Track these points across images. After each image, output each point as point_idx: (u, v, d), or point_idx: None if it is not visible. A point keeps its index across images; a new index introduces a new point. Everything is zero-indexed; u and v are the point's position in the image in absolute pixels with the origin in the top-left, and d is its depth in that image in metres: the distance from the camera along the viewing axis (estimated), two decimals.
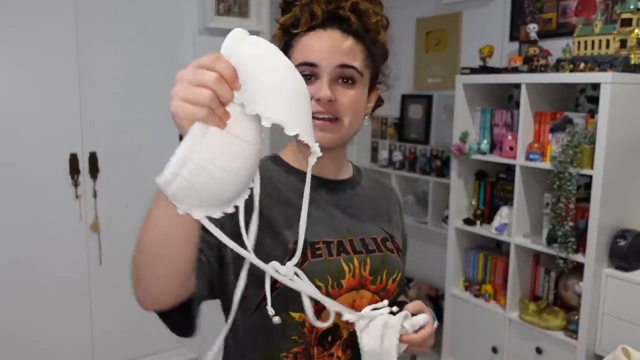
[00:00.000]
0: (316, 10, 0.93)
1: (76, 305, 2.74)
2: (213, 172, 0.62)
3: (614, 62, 2.32)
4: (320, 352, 0.95)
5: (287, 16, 0.96)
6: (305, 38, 0.94)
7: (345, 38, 0.94)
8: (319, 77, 0.92)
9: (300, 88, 0.67)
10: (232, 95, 0.61)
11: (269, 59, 0.65)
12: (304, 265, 0.90)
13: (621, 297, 2.25)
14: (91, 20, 2.63)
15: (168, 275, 0.75)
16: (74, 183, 2.66)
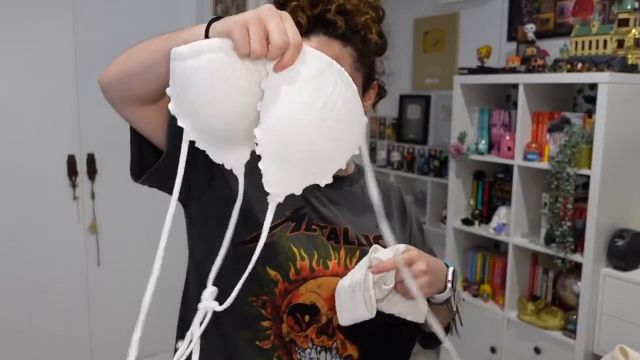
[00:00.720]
0: (301, 18, 0.90)
1: (74, 306, 2.74)
2: (211, 86, 0.62)
3: (612, 62, 2.32)
4: (291, 326, 0.94)
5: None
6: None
7: (331, 43, 0.92)
8: None
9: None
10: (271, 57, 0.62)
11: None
12: (295, 234, 0.93)
13: (619, 297, 2.25)
14: (88, 23, 2.63)
15: (144, 86, 0.85)
16: (72, 184, 2.66)
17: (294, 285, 0.93)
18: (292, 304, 0.94)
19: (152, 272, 0.70)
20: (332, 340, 0.97)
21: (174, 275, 3.02)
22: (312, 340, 0.96)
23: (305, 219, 0.96)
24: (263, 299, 0.93)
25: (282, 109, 0.62)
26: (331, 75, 0.64)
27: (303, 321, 0.95)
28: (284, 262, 0.93)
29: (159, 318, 3.03)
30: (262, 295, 0.93)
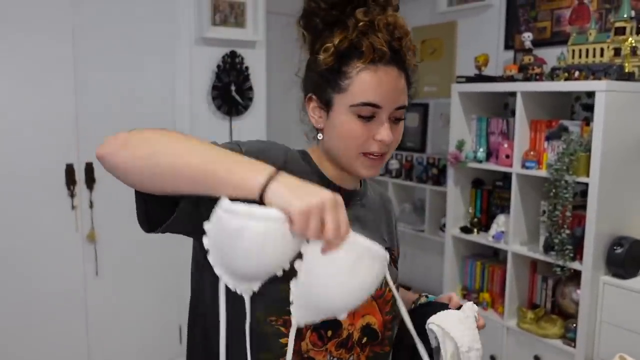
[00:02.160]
0: (381, 46, 0.89)
1: (72, 316, 2.72)
2: (260, 250, 0.67)
3: (609, 70, 2.33)
4: (315, 340, 0.93)
5: (341, 38, 0.90)
6: (365, 72, 0.90)
7: (401, 76, 0.93)
8: (379, 118, 0.91)
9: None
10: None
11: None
12: None
13: (619, 305, 2.24)
14: (88, 31, 2.64)
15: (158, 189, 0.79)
16: (70, 194, 2.65)
17: None
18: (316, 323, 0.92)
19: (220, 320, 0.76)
20: (350, 354, 0.96)
21: (173, 284, 3.01)
22: (331, 352, 0.95)
23: None
24: (284, 318, 0.90)
25: (319, 281, 0.71)
26: (367, 259, 0.71)
27: (326, 336, 0.94)
28: None
29: (158, 329, 3.01)
30: (284, 314, 0.89)
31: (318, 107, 0.95)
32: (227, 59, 2.98)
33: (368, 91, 0.90)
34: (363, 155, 0.93)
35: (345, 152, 0.93)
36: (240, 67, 3.03)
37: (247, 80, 3.06)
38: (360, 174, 0.96)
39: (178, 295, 3.03)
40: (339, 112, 0.92)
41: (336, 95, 0.92)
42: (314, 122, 0.97)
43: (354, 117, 0.91)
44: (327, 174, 0.99)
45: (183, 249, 2.99)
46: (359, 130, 0.91)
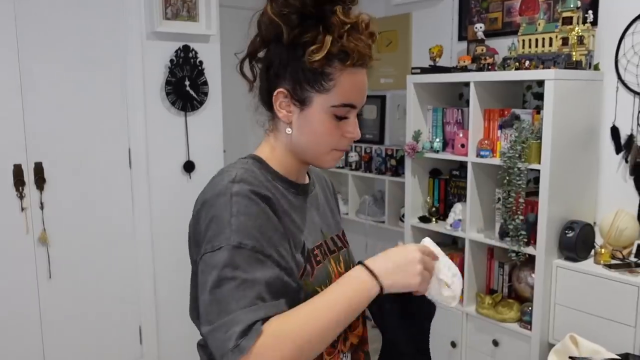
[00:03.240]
0: (364, 50, 0.91)
1: (26, 321, 2.63)
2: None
3: (557, 60, 2.40)
4: (329, 351, 0.97)
5: (330, 40, 0.88)
6: (350, 76, 0.91)
7: (366, 76, 0.96)
8: (350, 115, 0.95)
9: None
10: None
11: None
12: (314, 274, 0.94)
13: (571, 287, 2.31)
14: (32, 26, 2.54)
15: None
16: (19, 195, 2.56)
17: None
18: None
19: None
20: (347, 341, 1.03)
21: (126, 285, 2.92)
22: (342, 351, 1.01)
23: (311, 257, 0.96)
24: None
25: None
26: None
27: (335, 342, 0.99)
28: None
29: None
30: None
31: (290, 102, 0.94)
32: (180, 53, 2.92)
33: (350, 93, 0.93)
34: (333, 150, 0.97)
35: (317, 148, 0.96)
36: (194, 61, 2.97)
37: (202, 75, 3.01)
38: (325, 166, 1.00)
39: (137, 296, 2.97)
40: (316, 110, 0.93)
41: (316, 95, 0.92)
42: (281, 116, 0.95)
43: (331, 117, 0.93)
44: (286, 174, 0.99)
45: (138, 248, 2.94)
46: (333, 128, 0.94)
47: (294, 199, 0.98)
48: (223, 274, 0.80)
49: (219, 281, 0.80)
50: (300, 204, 1.00)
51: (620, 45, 2.40)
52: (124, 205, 2.89)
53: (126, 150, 2.87)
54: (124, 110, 2.85)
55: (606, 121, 2.48)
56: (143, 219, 2.93)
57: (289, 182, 0.99)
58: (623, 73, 2.40)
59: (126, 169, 2.88)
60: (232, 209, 0.84)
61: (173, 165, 3.01)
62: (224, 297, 0.79)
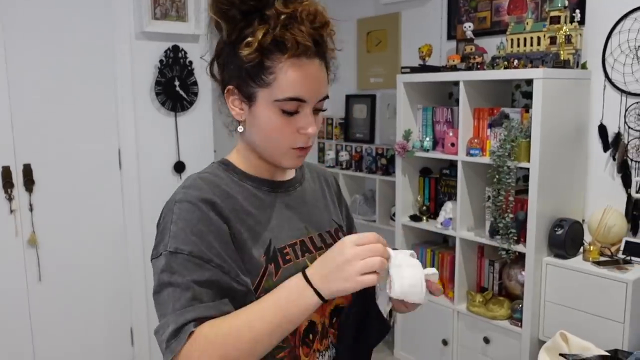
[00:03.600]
0: (305, 40, 0.86)
1: (16, 324, 2.61)
2: None
3: (545, 59, 2.41)
4: (306, 353, 0.96)
5: (264, 31, 0.86)
6: (289, 67, 0.87)
7: (322, 67, 0.92)
8: (303, 111, 0.90)
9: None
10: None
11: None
12: (279, 273, 0.92)
13: (560, 284, 2.34)
14: (19, 26, 2.52)
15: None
16: (8, 197, 2.54)
17: None
18: (301, 335, 0.95)
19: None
20: (328, 338, 1.01)
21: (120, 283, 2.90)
22: (318, 350, 0.99)
23: (278, 255, 0.94)
24: (278, 346, 0.90)
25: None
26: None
27: (311, 341, 0.97)
28: None
29: None
30: (277, 353, 0.92)
31: (239, 99, 0.93)
32: (169, 53, 2.91)
33: (293, 86, 0.88)
34: (290, 149, 0.93)
35: (272, 148, 0.93)
36: (183, 61, 2.96)
37: (191, 75, 3.00)
38: (284, 166, 0.96)
39: (128, 297, 2.95)
40: (262, 106, 0.90)
41: (260, 90, 0.89)
42: (234, 114, 0.94)
43: (278, 112, 0.89)
44: (256, 173, 0.98)
45: (129, 249, 2.92)
46: (284, 125, 0.90)
47: (266, 197, 0.97)
48: (161, 278, 0.84)
49: (158, 286, 0.84)
50: (273, 201, 0.98)
51: (607, 44, 2.43)
52: (114, 206, 2.87)
53: (116, 150, 2.85)
54: (114, 111, 2.83)
55: (594, 119, 2.50)
56: (133, 219, 2.91)
57: (260, 180, 0.98)
58: (610, 72, 2.43)
59: (116, 170, 2.86)
60: (173, 216, 0.87)
61: (163, 165, 3.00)
62: (163, 301, 0.83)
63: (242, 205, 0.93)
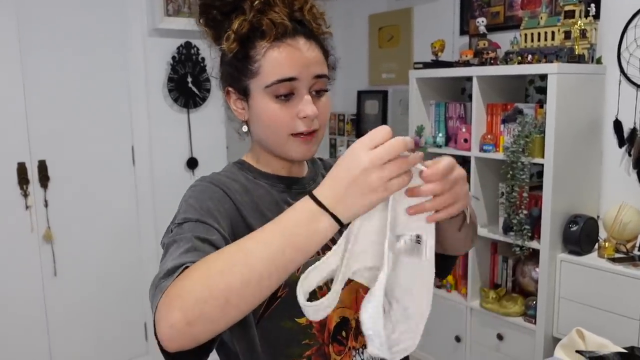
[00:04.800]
0: (280, 19, 0.86)
1: (32, 319, 2.64)
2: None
3: (560, 53, 2.39)
4: (338, 350, 0.93)
5: (240, 22, 0.87)
6: (273, 51, 0.86)
7: (311, 46, 0.89)
8: (299, 93, 0.88)
9: None
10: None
11: None
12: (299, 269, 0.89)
13: (575, 281, 2.32)
14: (34, 24, 2.54)
15: (241, 313, 0.67)
16: (24, 193, 2.56)
17: None
18: (331, 332, 0.93)
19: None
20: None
21: (132, 277, 2.95)
22: (354, 347, 0.95)
23: None
24: (307, 355, 0.90)
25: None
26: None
27: (343, 338, 0.94)
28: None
29: (126, 325, 2.96)
30: (305, 350, 0.90)
31: (238, 98, 0.93)
32: (182, 50, 2.92)
33: (279, 67, 0.86)
34: (292, 136, 0.89)
35: (274, 137, 0.90)
36: (195, 58, 2.97)
37: (204, 72, 3.01)
38: (293, 157, 0.92)
39: (142, 292, 2.97)
40: (256, 97, 0.89)
41: (250, 81, 0.89)
42: (237, 115, 0.94)
43: (273, 99, 0.87)
44: (272, 171, 0.97)
45: (143, 245, 2.94)
46: (280, 111, 0.87)
47: (279, 196, 0.95)
48: (167, 243, 0.78)
49: (165, 252, 0.77)
50: (286, 199, 0.96)
51: (623, 38, 2.40)
52: (127, 202, 2.89)
53: (129, 147, 2.87)
54: (127, 108, 2.85)
55: (609, 115, 2.48)
56: (147, 215, 2.93)
57: (275, 177, 0.97)
58: (626, 66, 2.40)
59: (129, 166, 2.88)
60: (186, 196, 0.87)
61: (176, 162, 3.02)
62: (165, 257, 0.76)
63: (256, 204, 0.92)
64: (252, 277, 0.64)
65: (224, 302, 0.63)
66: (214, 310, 0.63)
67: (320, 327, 0.91)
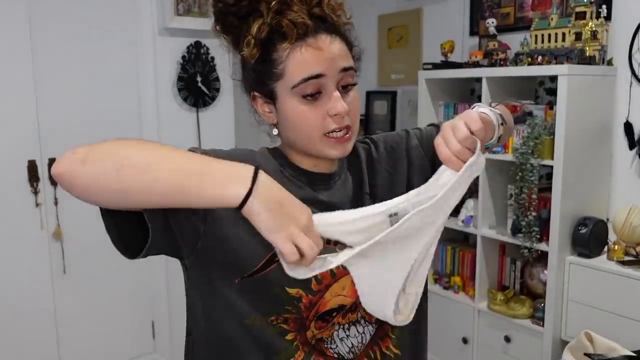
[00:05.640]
0: (300, 18, 0.84)
1: (40, 316, 2.66)
2: None
3: (570, 55, 2.38)
4: (318, 326, 0.91)
5: (258, 26, 0.85)
6: (296, 51, 0.85)
7: (334, 40, 0.87)
8: (327, 90, 0.86)
9: None
10: None
11: None
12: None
13: (584, 283, 2.31)
14: (45, 22, 2.56)
15: (128, 205, 0.74)
16: (34, 191, 2.58)
17: (318, 295, 0.90)
18: (320, 312, 0.91)
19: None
20: (356, 313, 0.94)
21: (144, 278, 2.97)
22: (339, 323, 0.93)
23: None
24: (285, 316, 0.89)
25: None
26: None
27: (331, 317, 0.92)
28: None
29: (136, 322, 2.97)
30: (284, 313, 0.89)
31: (265, 102, 0.91)
32: (192, 49, 2.93)
33: (304, 66, 0.85)
34: (325, 136, 0.88)
35: (307, 138, 0.89)
36: (205, 57, 2.98)
37: (213, 71, 3.02)
38: (330, 156, 0.90)
39: (150, 291, 2.99)
40: (284, 99, 0.87)
41: (276, 84, 0.87)
42: (266, 119, 0.93)
43: (301, 100, 0.86)
44: (301, 164, 0.94)
45: None
46: (310, 112, 0.86)
47: (297, 191, 0.89)
48: None
49: None
50: (301, 197, 0.89)
51: (634, 40, 2.38)
52: None
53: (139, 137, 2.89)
54: (137, 107, 2.86)
55: (619, 117, 2.46)
56: None
57: (300, 170, 0.94)
58: (637, 68, 2.38)
59: None
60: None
61: None
62: None
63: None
64: (150, 170, 0.70)
65: (119, 167, 0.69)
66: (108, 168, 0.70)
67: (309, 304, 0.89)
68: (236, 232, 0.84)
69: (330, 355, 0.93)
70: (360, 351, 0.96)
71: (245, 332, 0.89)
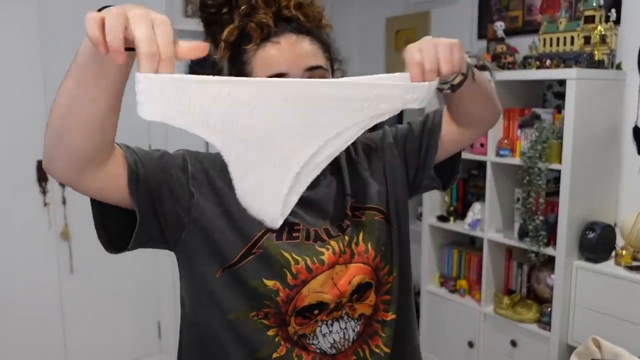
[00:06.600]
0: (264, 19, 0.89)
1: (48, 315, 2.68)
2: None
3: (579, 59, 2.37)
4: (299, 322, 0.92)
5: (229, 30, 0.91)
6: (261, 51, 0.90)
7: (302, 39, 0.91)
8: None
9: None
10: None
11: None
12: (280, 242, 0.91)
13: (591, 288, 2.29)
14: (54, 22, 2.58)
15: (83, 128, 0.76)
16: (42, 190, 2.60)
17: (295, 290, 0.91)
18: (298, 308, 0.92)
19: None
20: (340, 311, 0.95)
21: (150, 277, 2.98)
22: (323, 320, 0.94)
23: (285, 228, 0.91)
24: (265, 311, 0.91)
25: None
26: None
27: (313, 315, 0.93)
28: (278, 270, 0.90)
29: (140, 322, 2.99)
30: (264, 308, 0.90)
31: None
32: None
33: (268, 65, 0.89)
34: None
35: None
36: (214, 59, 2.99)
37: (221, 73, 3.02)
38: None
39: (156, 291, 3.00)
40: None
41: None
42: None
43: None
44: None
45: None
46: None
47: None
48: None
49: None
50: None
51: None
52: None
53: (146, 146, 2.90)
54: None
55: (628, 121, 2.45)
56: None
57: None
58: None
59: None
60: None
61: None
62: None
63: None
64: (72, 87, 0.74)
65: (65, 111, 0.74)
66: (57, 118, 0.75)
67: (286, 298, 0.90)
68: (219, 225, 0.89)
69: (313, 350, 0.94)
70: (344, 347, 0.96)
71: (228, 327, 0.92)
